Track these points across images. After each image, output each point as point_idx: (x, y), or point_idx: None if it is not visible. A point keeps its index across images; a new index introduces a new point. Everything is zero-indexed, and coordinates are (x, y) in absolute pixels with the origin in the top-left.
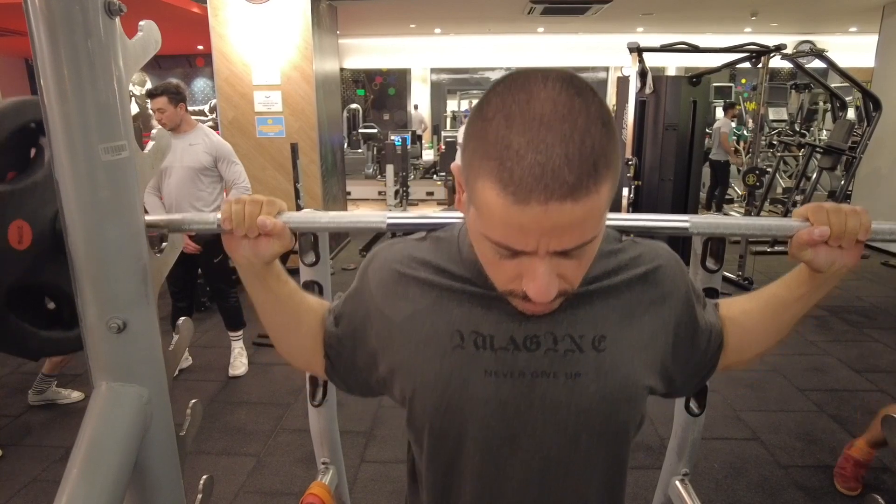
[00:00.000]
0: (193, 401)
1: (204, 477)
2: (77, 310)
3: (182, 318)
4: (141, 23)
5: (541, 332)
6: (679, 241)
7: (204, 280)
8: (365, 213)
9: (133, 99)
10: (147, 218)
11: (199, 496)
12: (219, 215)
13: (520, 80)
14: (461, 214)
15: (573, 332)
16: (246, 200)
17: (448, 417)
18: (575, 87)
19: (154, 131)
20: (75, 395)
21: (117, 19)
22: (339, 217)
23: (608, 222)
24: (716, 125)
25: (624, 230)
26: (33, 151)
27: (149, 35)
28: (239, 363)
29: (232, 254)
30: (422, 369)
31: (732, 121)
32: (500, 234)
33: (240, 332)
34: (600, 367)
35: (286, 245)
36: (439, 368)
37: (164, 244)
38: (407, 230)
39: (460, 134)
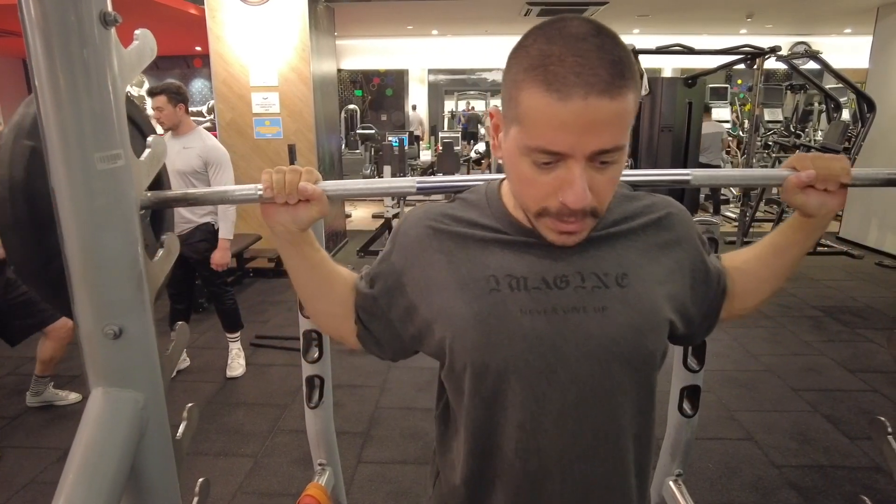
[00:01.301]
0: (190, 404)
1: (200, 480)
2: (73, 316)
3: (179, 322)
4: (136, 31)
5: (569, 271)
6: None
7: (201, 282)
8: (396, 180)
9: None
10: (188, 191)
11: (196, 499)
12: (259, 185)
13: (554, 19)
14: (486, 177)
15: (598, 270)
16: (286, 170)
17: (489, 353)
18: (598, 23)
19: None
20: (73, 397)
21: (112, 29)
22: (371, 184)
23: (623, 176)
24: (708, 131)
25: (633, 185)
26: None
27: (144, 44)
28: (237, 364)
29: (269, 220)
30: (461, 312)
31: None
32: (543, 138)
33: (237, 334)
34: (625, 301)
35: (324, 210)
36: (478, 310)
37: (161, 250)
38: (435, 192)
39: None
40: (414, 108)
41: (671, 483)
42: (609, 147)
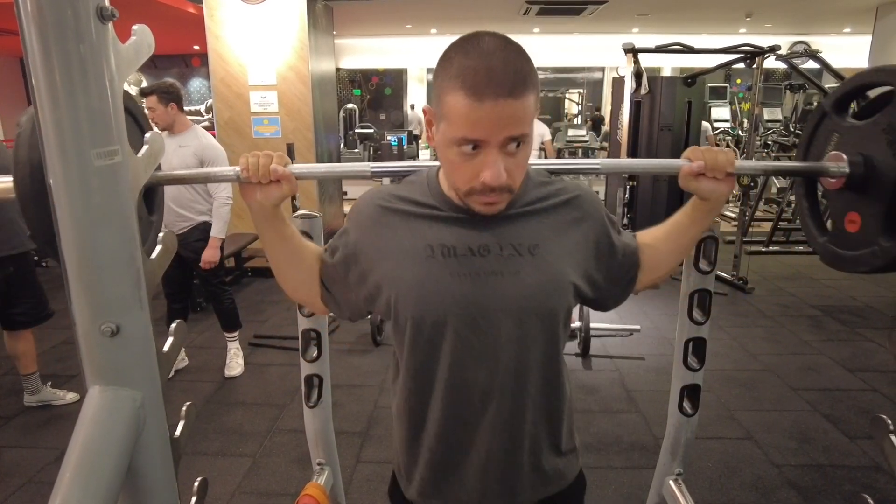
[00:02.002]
0: (187, 403)
1: (198, 479)
2: (70, 314)
3: (176, 321)
4: (134, 27)
5: (491, 242)
6: None
7: (199, 282)
8: (353, 164)
9: None
10: (178, 172)
11: (194, 498)
12: (238, 168)
13: (470, 35)
14: (424, 163)
15: (514, 241)
16: (260, 154)
17: (426, 308)
18: (504, 37)
19: (147, 135)
20: (70, 397)
21: (110, 24)
22: (332, 167)
23: (540, 164)
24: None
25: (552, 171)
26: None
27: (141, 39)
28: (235, 364)
29: (247, 199)
30: (403, 275)
31: None
32: (465, 130)
33: (236, 333)
34: (535, 266)
35: (293, 189)
36: (417, 272)
37: (158, 248)
38: (388, 175)
39: None
40: (412, 107)
41: (671, 482)
42: (516, 135)
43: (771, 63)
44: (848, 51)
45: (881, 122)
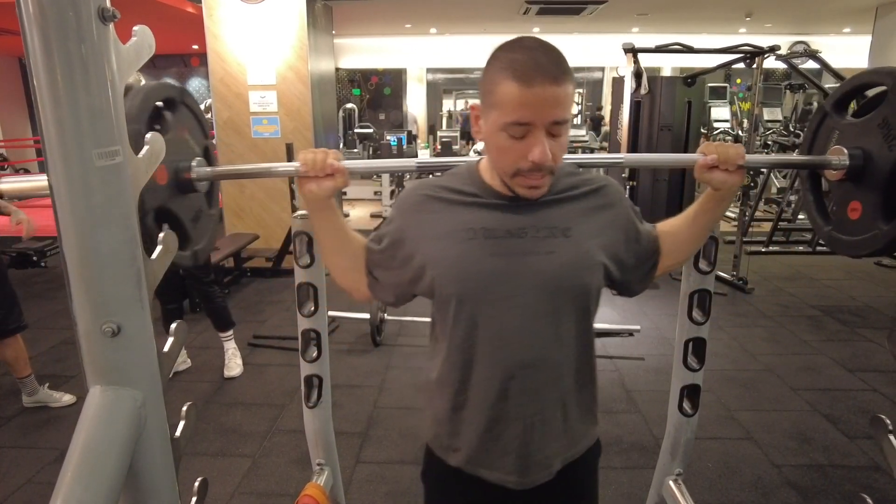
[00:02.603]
0: (188, 403)
1: (198, 479)
2: (71, 314)
3: (176, 321)
4: (135, 28)
5: (527, 224)
6: None
7: (188, 283)
8: (399, 160)
9: None
10: (239, 167)
11: (194, 498)
12: (297, 163)
13: (512, 39)
14: (468, 158)
15: (549, 224)
16: (317, 151)
17: (468, 285)
18: (543, 40)
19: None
20: (66, 399)
21: (111, 25)
22: (378, 163)
23: (571, 159)
24: None
25: (579, 164)
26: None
27: (142, 40)
28: (234, 364)
29: (304, 190)
30: (446, 255)
31: None
32: (516, 114)
33: (230, 332)
34: (568, 246)
35: (345, 182)
36: (458, 252)
37: (159, 248)
38: (431, 170)
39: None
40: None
41: (671, 482)
42: (560, 119)
43: (771, 63)
44: (848, 51)
45: (876, 118)
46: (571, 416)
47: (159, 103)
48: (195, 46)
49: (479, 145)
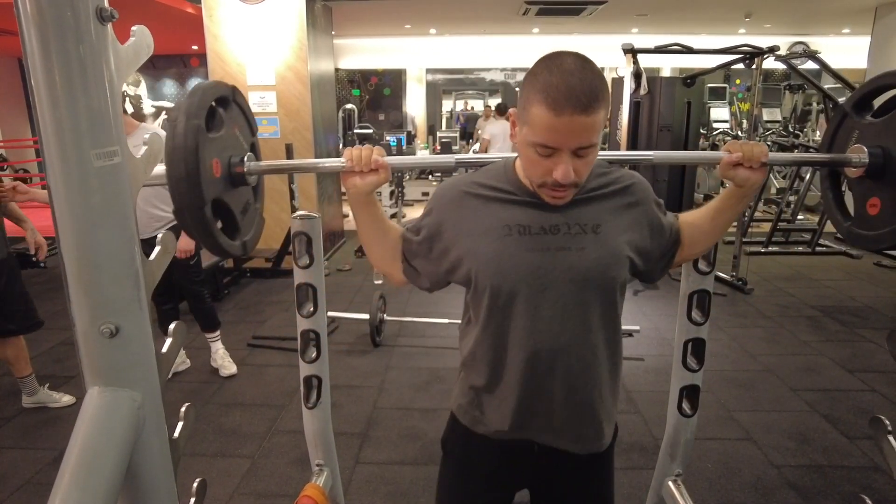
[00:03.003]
0: (186, 404)
1: (197, 480)
2: (69, 315)
3: (174, 322)
4: (133, 28)
5: (560, 222)
6: None
7: (176, 282)
8: (439, 156)
9: (127, 99)
10: (286, 161)
11: (193, 499)
12: (343, 159)
13: (554, 54)
14: (504, 155)
15: (580, 221)
16: (361, 148)
17: (503, 278)
18: (584, 58)
19: (147, 135)
20: (66, 400)
21: (109, 25)
22: (421, 158)
23: (601, 155)
24: None
25: (609, 161)
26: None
27: (141, 40)
28: (227, 363)
29: (347, 184)
30: (484, 250)
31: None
32: (543, 137)
33: (217, 333)
34: (597, 243)
35: (388, 177)
36: (496, 248)
37: (157, 249)
38: (470, 165)
39: (493, 130)
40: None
41: (670, 483)
42: (585, 144)
43: (770, 63)
44: (847, 51)
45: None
46: (603, 400)
47: (213, 102)
48: (195, 47)
49: (478, 144)
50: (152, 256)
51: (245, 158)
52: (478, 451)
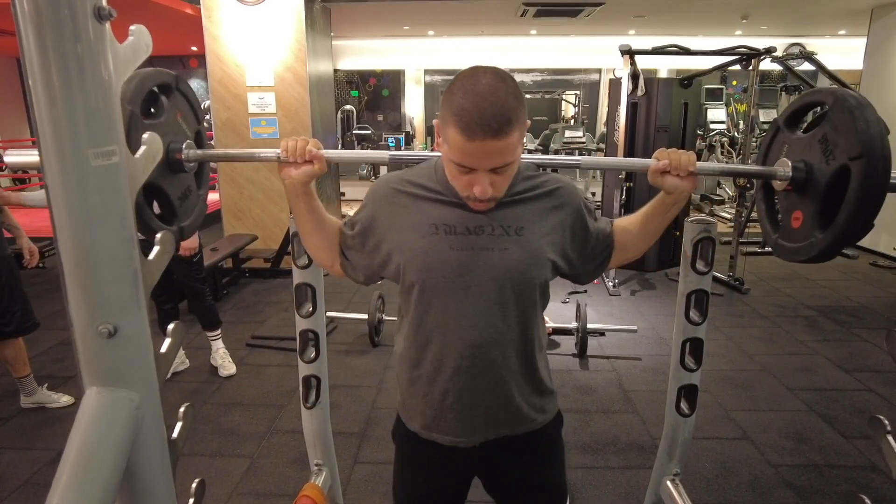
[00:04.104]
0: (185, 404)
1: (196, 480)
2: (67, 314)
3: (173, 321)
4: (131, 27)
5: (484, 223)
6: (671, 245)
7: (178, 280)
8: (373, 151)
9: None
10: (227, 150)
11: (192, 499)
12: (279, 150)
13: (471, 72)
14: (438, 153)
15: (504, 223)
16: (297, 139)
17: (429, 275)
18: (500, 76)
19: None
20: (65, 400)
21: (107, 24)
22: (356, 153)
23: (529, 159)
24: None
25: (539, 165)
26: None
27: (139, 39)
28: (227, 363)
29: (284, 175)
30: (411, 246)
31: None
32: (460, 158)
33: (218, 332)
34: (519, 244)
35: (323, 168)
36: (423, 245)
37: (156, 248)
38: (403, 162)
39: None
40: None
41: (668, 482)
42: (500, 164)
43: (767, 65)
44: (843, 52)
45: (818, 133)
46: (522, 392)
47: (155, 88)
48: (194, 48)
49: None
50: (151, 256)
51: (184, 146)
52: (416, 445)
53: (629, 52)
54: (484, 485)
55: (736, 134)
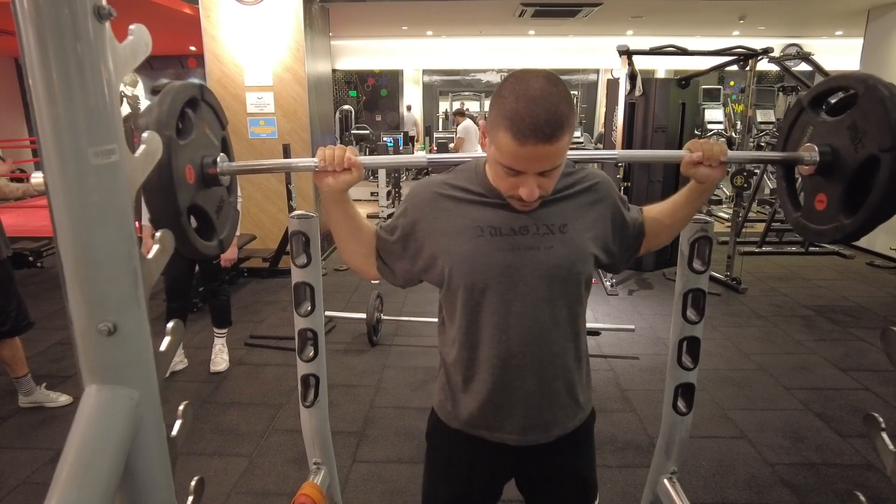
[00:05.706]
0: (184, 403)
1: (195, 479)
2: (67, 313)
3: (173, 320)
4: (131, 27)
5: (528, 223)
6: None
7: (202, 277)
8: (412, 156)
9: (124, 100)
10: (259, 161)
11: (191, 498)
12: (315, 159)
13: (522, 74)
14: (475, 155)
15: (547, 222)
16: (334, 147)
17: (476, 277)
18: (552, 80)
19: (145, 134)
20: (63, 399)
21: (107, 23)
22: (393, 158)
23: (569, 155)
24: None
25: (577, 161)
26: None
27: (139, 39)
28: (220, 359)
29: (320, 184)
30: (457, 250)
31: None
32: (509, 161)
33: (225, 330)
34: (563, 242)
35: (360, 176)
36: (469, 248)
37: (156, 247)
38: (442, 165)
39: (461, 130)
40: (409, 108)
41: (666, 481)
42: (548, 168)
43: (764, 65)
44: (840, 53)
45: (847, 120)
46: (571, 388)
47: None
48: (192, 48)
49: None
50: (150, 255)
51: (218, 160)
52: (459, 444)
53: (627, 53)
54: (516, 481)
55: (733, 134)
